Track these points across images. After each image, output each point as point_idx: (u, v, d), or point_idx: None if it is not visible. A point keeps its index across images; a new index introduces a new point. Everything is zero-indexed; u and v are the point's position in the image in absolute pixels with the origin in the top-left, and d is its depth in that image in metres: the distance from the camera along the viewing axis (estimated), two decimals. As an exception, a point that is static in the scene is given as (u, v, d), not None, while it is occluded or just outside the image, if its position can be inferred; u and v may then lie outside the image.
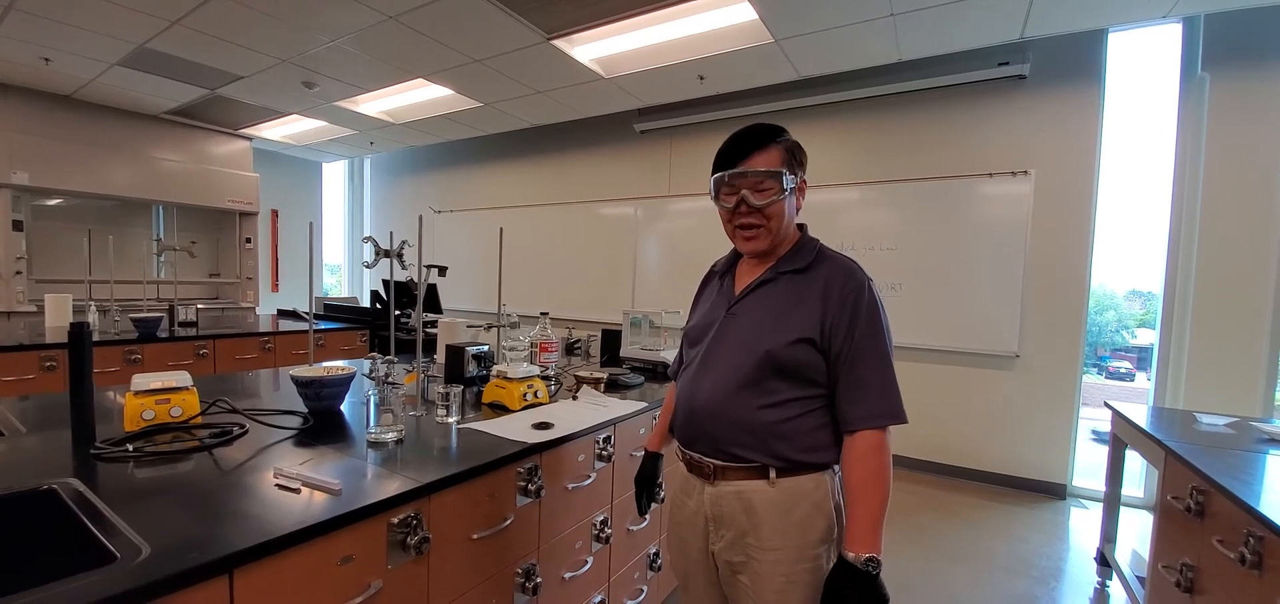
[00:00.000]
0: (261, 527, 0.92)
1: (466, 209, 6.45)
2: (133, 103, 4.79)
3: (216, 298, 5.79)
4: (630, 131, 5.22)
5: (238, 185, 5.61)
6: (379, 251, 1.83)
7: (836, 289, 1.08)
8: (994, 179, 3.70)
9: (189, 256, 4.79)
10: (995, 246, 3.70)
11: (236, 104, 4.77)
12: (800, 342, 1.07)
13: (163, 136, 5.23)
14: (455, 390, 1.60)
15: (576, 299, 5.56)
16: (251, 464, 1.20)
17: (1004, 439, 3.75)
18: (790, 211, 1.13)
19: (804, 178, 1.15)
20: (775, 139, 1.11)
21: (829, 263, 1.12)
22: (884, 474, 1.03)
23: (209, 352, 3.51)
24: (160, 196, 5.14)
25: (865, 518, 1.00)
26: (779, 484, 1.07)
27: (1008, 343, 3.68)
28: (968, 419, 3.86)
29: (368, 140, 5.98)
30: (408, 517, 1.11)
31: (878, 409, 1.05)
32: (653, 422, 1.95)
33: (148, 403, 1.37)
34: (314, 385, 1.57)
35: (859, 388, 1.06)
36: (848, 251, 4.41)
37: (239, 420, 1.45)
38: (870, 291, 1.08)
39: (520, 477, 1.40)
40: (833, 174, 4.28)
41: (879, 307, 1.08)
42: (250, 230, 5.79)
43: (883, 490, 1.02)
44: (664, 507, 1.95)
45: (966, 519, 3.21)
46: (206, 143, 5.54)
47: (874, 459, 1.03)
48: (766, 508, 1.07)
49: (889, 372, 1.07)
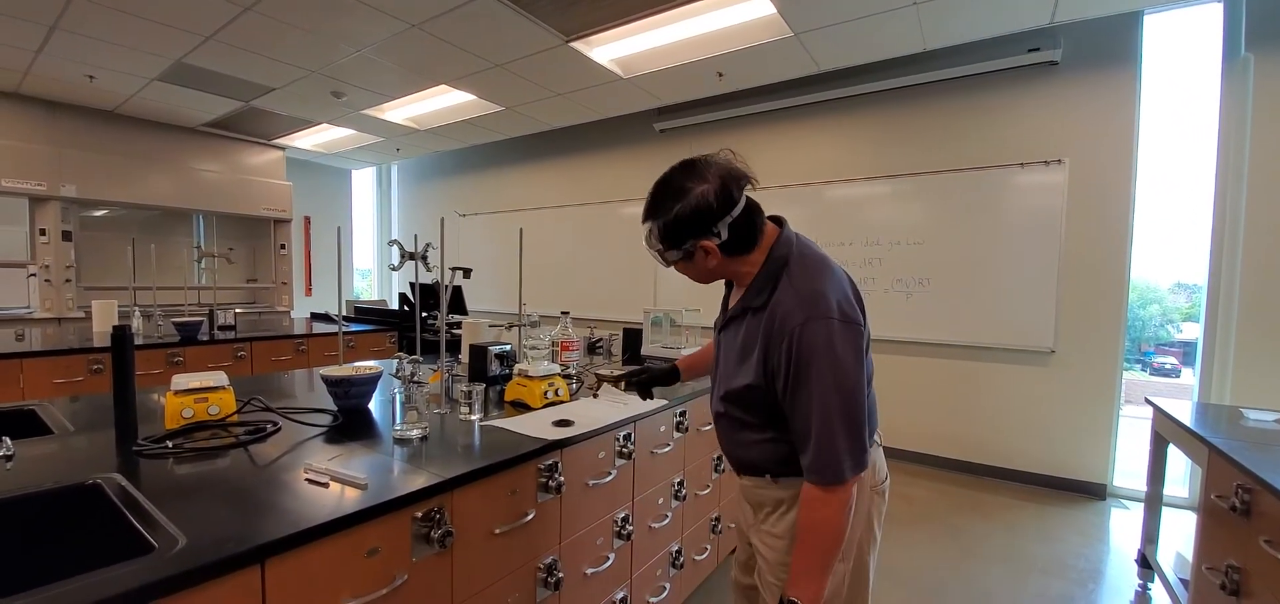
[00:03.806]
0: (292, 519, 0.95)
1: (490, 212, 6.55)
2: (172, 115, 4.99)
3: (254, 302, 5.99)
4: (650, 131, 5.23)
5: (272, 194, 5.80)
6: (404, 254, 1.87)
7: (775, 331, 1.04)
8: (1026, 169, 3.61)
9: (227, 263, 4.97)
10: (1028, 239, 3.60)
11: (269, 115, 4.93)
12: (752, 388, 1.08)
13: (200, 148, 5.44)
14: (478, 388, 1.63)
15: (598, 298, 5.59)
16: (284, 460, 1.24)
17: (1040, 437, 3.65)
18: (702, 269, 1.12)
19: (704, 241, 1.06)
20: (651, 216, 1.09)
21: (780, 294, 1.06)
22: (824, 527, 1.01)
23: (246, 354, 3.62)
24: (199, 205, 5.34)
25: (798, 563, 1.03)
26: (778, 483, 1.15)
27: (1042, 338, 3.58)
28: (1002, 417, 3.77)
29: (394, 147, 6.11)
30: (431, 511, 1.13)
31: (812, 463, 1.01)
32: (674, 418, 1.96)
33: (186, 402, 1.42)
34: (343, 384, 1.61)
35: (799, 437, 1.04)
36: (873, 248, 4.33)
37: (273, 418, 1.50)
38: (810, 330, 0.99)
39: (541, 473, 1.42)
40: (857, 168, 4.22)
41: (821, 346, 0.99)
42: (284, 237, 5.97)
43: (821, 541, 1.01)
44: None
45: (1002, 520, 3.14)
46: (242, 153, 5.74)
47: (812, 511, 1.02)
48: (771, 502, 1.17)
49: (827, 422, 0.98)
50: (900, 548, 2.74)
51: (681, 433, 1.99)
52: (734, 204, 1.06)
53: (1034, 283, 3.59)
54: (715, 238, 1.07)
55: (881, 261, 4.10)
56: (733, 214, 1.06)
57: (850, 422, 0.99)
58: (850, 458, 0.99)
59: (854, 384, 1.00)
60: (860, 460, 1.01)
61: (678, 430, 1.98)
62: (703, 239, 1.07)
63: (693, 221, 1.06)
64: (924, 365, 4.02)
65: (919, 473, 3.87)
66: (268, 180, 5.82)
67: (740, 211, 1.07)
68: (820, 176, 4.37)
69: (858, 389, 1.01)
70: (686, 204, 1.05)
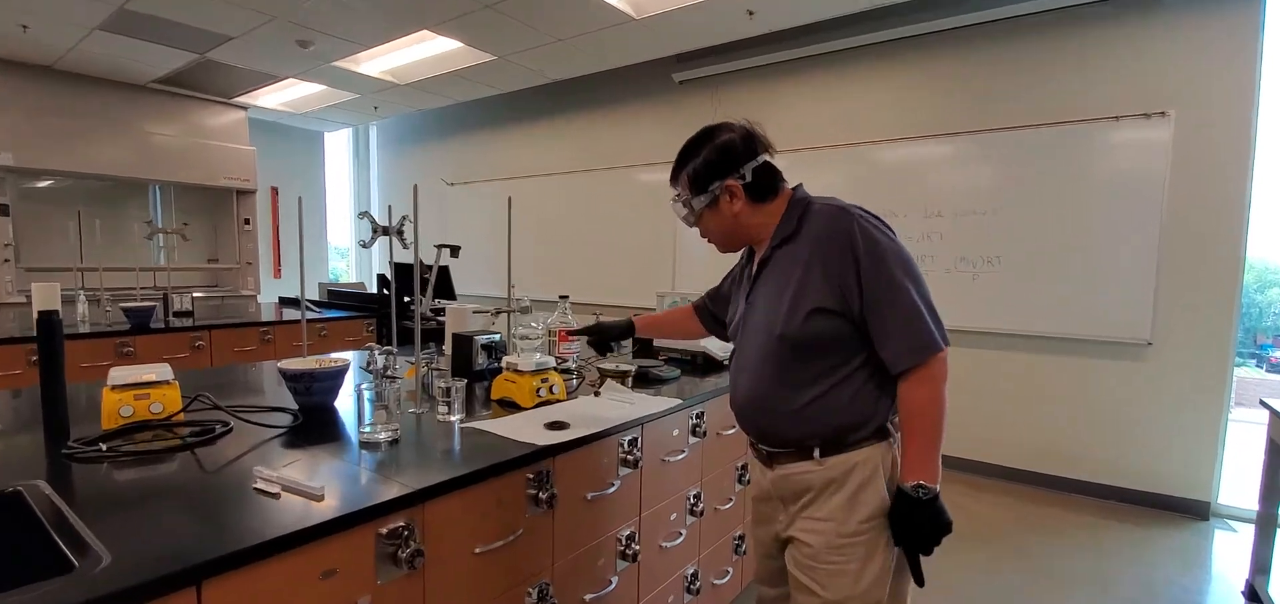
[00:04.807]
0: (236, 534, 0.95)
1: (482, 180, 6.56)
2: (118, 71, 5.07)
3: (215, 285, 6.11)
4: (668, 82, 5.18)
5: (233, 160, 5.88)
6: (377, 229, 1.87)
7: (830, 244, 1.21)
8: (1121, 124, 3.52)
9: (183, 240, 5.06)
10: (1122, 208, 3.52)
11: (228, 69, 4.98)
12: (813, 314, 1.21)
13: (153, 108, 5.52)
14: (458, 385, 1.63)
15: (606, 281, 5.61)
16: (233, 466, 1.25)
17: (1130, 445, 3.59)
18: (726, 218, 1.33)
19: (730, 180, 1.29)
20: (682, 168, 1.34)
21: (813, 216, 1.27)
22: (930, 406, 1.17)
23: (205, 343, 3.70)
24: (152, 174, 5.44)
25: (912, 450, 1.19)
26: (826, 463, 1.25)
27: (1137, 328, 3.51)
28: (1084, 421, 3.71)
29: (371, 105, 6.14)
30: (399, 527, 1.13)
31: (902, 348, 1.17)
32: (689, 420, 1.95)
33: (125, 399, 1.44)
34: (303, 379, 1.62)
35: (884, 333, 1.19)
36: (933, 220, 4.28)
37: (223, 418, 1.52)
38: (861, 227, 1.20)
39: (531, 483, 1.41)
40: (913, 125, 4.14)
41: (876, 235, 1.20)
42: (248, 210, 6.06)
43: (929, 422, 1.17)
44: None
45: (1081, 541, 3.10)
46: (199, 114, 5.82)
47: (916, 393, 1.18)
48: (817, 486, 1.26)
49: (905, 301, 1.17)
50: (957, 570, 2.72)
51: (698, 437, 1.98)
52: (756, 153, 1.30)
53: (1128, 261, 3.52)
54: (740, 179, 1.28)
55: (942, 237, 4.03)
56: (755, 161, 1.29)
57: (924, 296, 1.19)
58: (936, 328, 1.18)
59: (913, 262, 1.22)
60: (943, 332, 1.19)
61: (694, 435, 1.97)
62: (728, 178, 1.29)
63: (719, 162, 1.29)
64: (991, 359, 3.96)
65: (982, 486, 3.83)
66: (229, 145, 5.90)
67: (762, 162, 1.30)
68: (867, 135, 4.30)
69: (916, 266, 1.22)
70: (713, 145, 1.30)
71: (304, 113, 6.41)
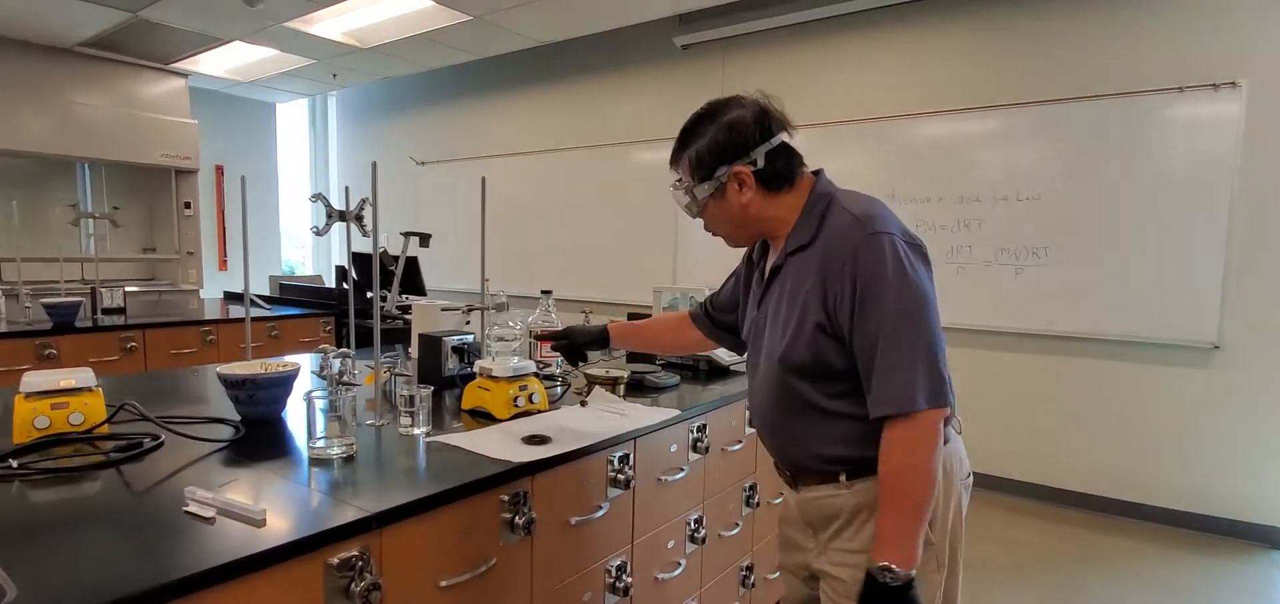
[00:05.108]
0: (160, 566, 0.94)
1: (457, 159, 6.55)
2: (37, 32, 5.05)
3: (151, 279, 6.10)
4: (668, 47, 5.17)
5: (172, 135, 5.86)
6: (331, 214, 1.86)
7: (833, 258, 1.18)
8: (1186, 96, 3.52)
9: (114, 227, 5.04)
10: (1186, 193, 3.53)
11: (164, 29, 4.96)
12: (818, 334, 1.19)
13: (79, 75, 5.50)
14: (424, 393, 1.62)
15: (597, 274, 5.61)
16: (164, 487, 1.25)
17: (1195, 463, 3.60)
18: (734, 210, 1.29)
19: (739, 166, 1.25)
20: (683, 149, 1.31)
21: (831, 221, 1.22)
22: (904, 475, 1.14)
23: (138, 344, 3.70)
24: (78, 151, 5.42)
25: (884, 524, 1.16)
26: (853, 487, 1.24)
27: (1202, 329, 3.51)
28: (1140, 435, 3.72)
29: (330, 73, 6.12)
30: (352, 556, 1.12)
31: (881, 393, 1.14)
32: (689, 433, 1.94)
33: (41, 408, 1.43)
34: (245, 386, 1.62)
35: (870, 371, 1.15)
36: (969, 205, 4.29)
37: (153, 430, 1.51)
38: (873, 246, 1.15)
39: (506, 506, 1.41)
40: (947, 97, 4.14)
41: (888, 257, 1.14)
42: (190, 192, 6.05)
43: (902, 493, 1.14)
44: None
45: (1134, 573, 3.10)
46: (132, 82, 5.80)
47: (890, 457, 1.15)
48: (846, 512, 1.26)
49: (895, 344, 1.12)
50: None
51: (700, 454, 1.98)
52: (771, 135, 1.25)
53: (1192, 253, 3.53)
54: (751, 165, 1.24)
55: (980, 224, 4.03)
56: (770, 144, 1.25)
57: (923, 344, 1.13)
58: (926, 384, 1.11)
59: (926, 304, 1.15)
60: (938, 393, 1.12)
61: (695, 451, 1.97)
62: (737, 164, 1.25)
63: (727, 144, 1.25)
64: (1035, 365, 3.97)
65: (1023, 509, 3.83)
66: (166, 118, 5.88)
67: (778, 144, 1.26)
68: (894, 108, 4.30)
69: (930, 310, 1.15)
70: (720, 124, 1.26)
71: (253, 81, 6.39)
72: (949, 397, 1.15)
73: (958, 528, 1.28)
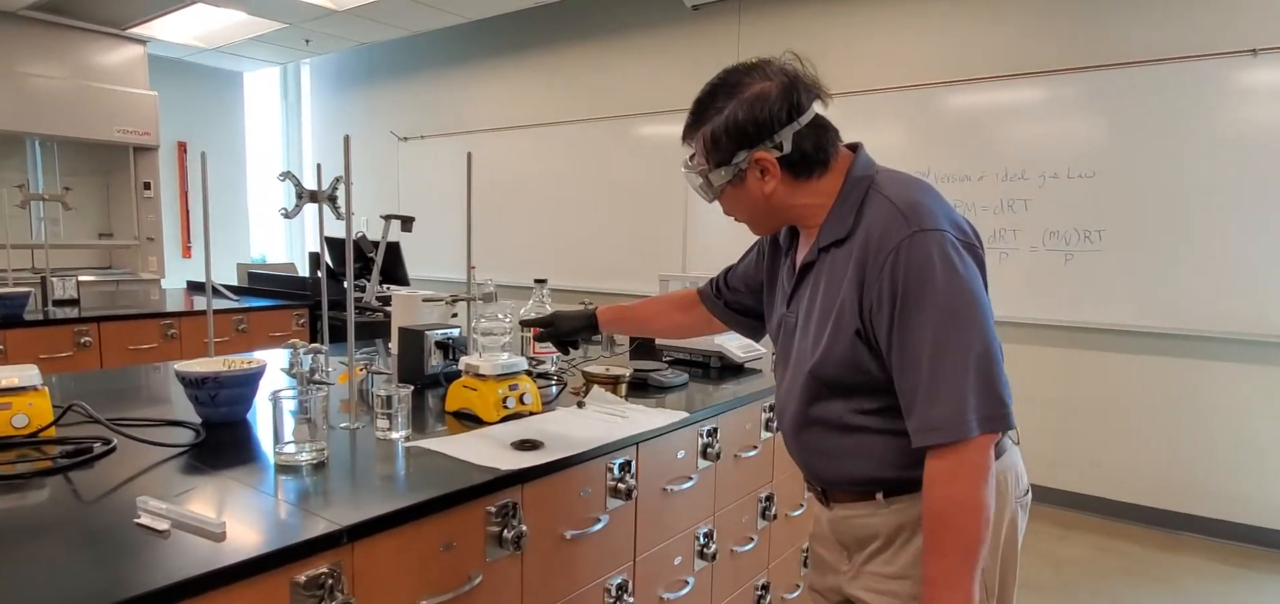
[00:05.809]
0: (108, 583, 0.94)
1: (444, 134, 6.56)
2: (-18, -5, 5.07)
3: (108, 267, 6.13)
4: (679, 8, 5.17)
5: (129, 108, 5.89)
6: (302, 194, 1.86)
7: (872, 252, 1.12)
8: (1260, 59, 3.51)
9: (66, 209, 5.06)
10: (1258, 167, 3.52)
11: (120, -9, 4.97)
12: (852, 342, 1.15)
13: (26, 42, 5.52)
14: (403, 393, 1.62)
15: (601, 260, 5.62)
16: (115, 495, 1.26)
17: (1263, 471, 3.59)
18: (756, 198, 1.24)
19: (761, 151, 1.18)
20: (697, 125, 1.24)
21: (870, 210, 1.17)
22: (952, 511, 1.08)
23: (92, 338, 3.73)
24: (26, 126, 5.46)
25: (932, 567, 1.11)
26: (892, 505, 1.21)
27: (1274, 322, 3.48)
28: (1212, 441, 3.71)
29: (302, 38, 6.13)
30: (321, 573, 1.12)
31: (926, 419, 1.08)
32: (698, 438, 1.94)
33: (-18, 408, 1.44)
34: (206, 385, 1.62)
35: (906, 390, 1.11)
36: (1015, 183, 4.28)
37: (104, 434, 1.52)
38: (920, 244, 1.08)
39: (493, 518, 1.41)
40: (990, 62, 4.12)
41: (935, 259, 1.07)
42: (149, 172, 6.08)
43: (955, 530, 1.08)
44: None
45: (1193, 591, 3.09)
46: (84, 49, 5.81)
47: (934, 492, 1.10)
48: (884, 533, 1.23)
49: (944, 360, 1.07)
50: (1044, 634, 2.72)
51: (710, 461, 1.97)
52: (800, 112, 1.18)
53: (1264, 236, 3.52)
54: (776, 150, 1.18)
55: (1027, 205, 4.01)
56: (798, 124, 1.18)
57: (977, 360, 1.06)
58: (979, 407, 1.05)
59: (981, 313, 1.08)
60: (995, 416, 1.07)
61: (705, 457, 1.96)
62: (758, 150, 1.18)
63: (747, 124, 1.18)
64: (1086, 362, 3.96)
65: (1074, 522, 3.83)
66: (123, 89, 5.90)
67: (808, 123, 1.18)
68: (931, 75, 4.29)
69: (985, 320, 1.09)
70: (740, 100, 1.18)
71: (218, 48, 6.40)
72: (1010, 417, 1.10)
73: (1011, 551, 1.24)
